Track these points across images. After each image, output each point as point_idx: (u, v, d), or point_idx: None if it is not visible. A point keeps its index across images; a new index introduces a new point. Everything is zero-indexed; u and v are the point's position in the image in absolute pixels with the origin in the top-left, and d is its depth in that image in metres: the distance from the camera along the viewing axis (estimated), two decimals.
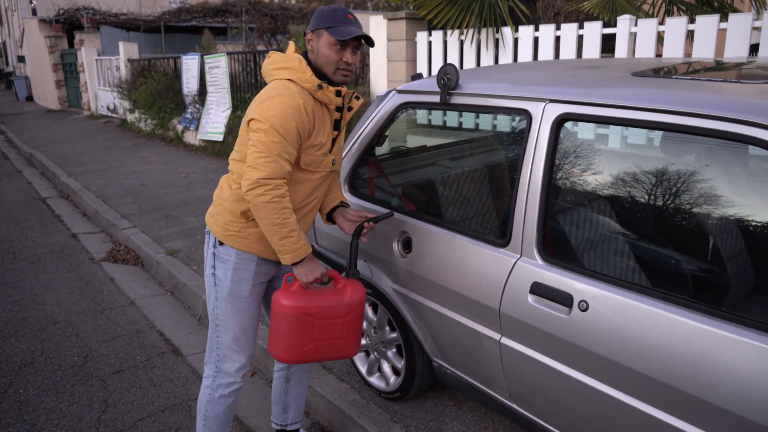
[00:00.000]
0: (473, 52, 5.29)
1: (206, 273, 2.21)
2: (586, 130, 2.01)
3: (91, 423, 2.85)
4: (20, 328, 3.83)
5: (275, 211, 1.92)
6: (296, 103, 1.96)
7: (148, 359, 3.47)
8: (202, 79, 9.87)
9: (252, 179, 1.90)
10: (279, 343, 2.13)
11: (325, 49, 2.02)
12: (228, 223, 2.12)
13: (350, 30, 2.01)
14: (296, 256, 2.01)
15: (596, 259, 1.92)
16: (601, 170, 1.96)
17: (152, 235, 5.47)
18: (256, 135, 1.94)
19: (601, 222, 1.95)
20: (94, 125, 13.84)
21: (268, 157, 1.91)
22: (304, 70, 2.03)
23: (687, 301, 1.65)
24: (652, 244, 1.84)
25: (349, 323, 2.18)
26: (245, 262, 2.14)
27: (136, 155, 9.66)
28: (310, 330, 2.11)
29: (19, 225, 6.27)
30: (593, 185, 1.97)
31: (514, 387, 2.17)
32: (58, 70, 18.10)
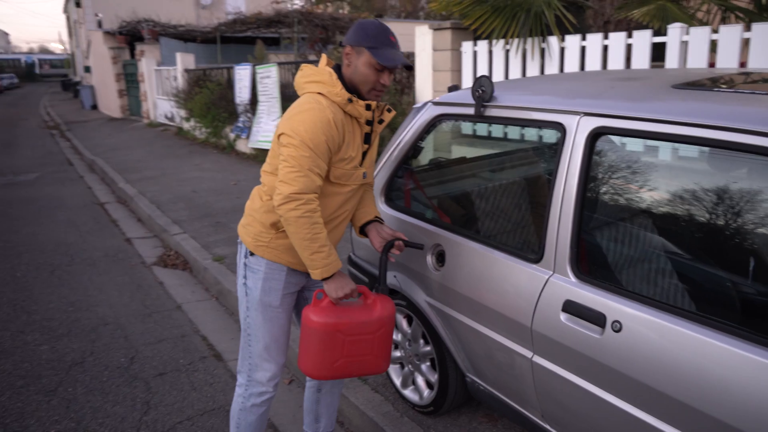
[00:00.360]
0: (519, 62, 5.23)
1: (238, 282, 2.25)
2: (623, 144, 1.96)
3: (133, 423, 2.95)
4: (73, 329, 4.00)
5: (306, 226, 1.94)
6: (326, 117, 1.97)
7: (191, 363, 3.56)
8: (253, 89, 10.09)
9: (284, 194, 1.93)
10: (309, 359, 2.14)
11: (363, 69, 2.02)
12: (258, 234, 2.15)
13: (395, 56, 2.01)
14: (326, 271, 2.02)
15: (631, 277, 1.86)
16: (636, 186, 1.91)
17: (201, 241, 5.62)
18: (287, 150, 1.96)
19: (635, 240, 1.89)
20: (152, 133, 14.36)
21: (299, 171, 1.94)
22: (334, 83, 2.03)
23: (725, 325, 1.58)
24: (689, 264, 1.77)
25: (380, 339, 2.18)
26: (275, 272, 2.17)
27: (189, 162, 9.96)
28: (341, 347, 2.11)
29: (78, 228, 6.55)
30: (628, 201, 1.92)
31: (546, 406, 2.13)
32: (121, 80, 18.88)
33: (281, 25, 15.22)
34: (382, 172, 2.81)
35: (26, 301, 4.48)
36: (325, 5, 21.41)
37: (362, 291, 2.19)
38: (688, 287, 1.75)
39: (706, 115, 1.67)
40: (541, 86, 2.34)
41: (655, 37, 4.29)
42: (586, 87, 2.16)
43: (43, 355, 3.63)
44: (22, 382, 3.33)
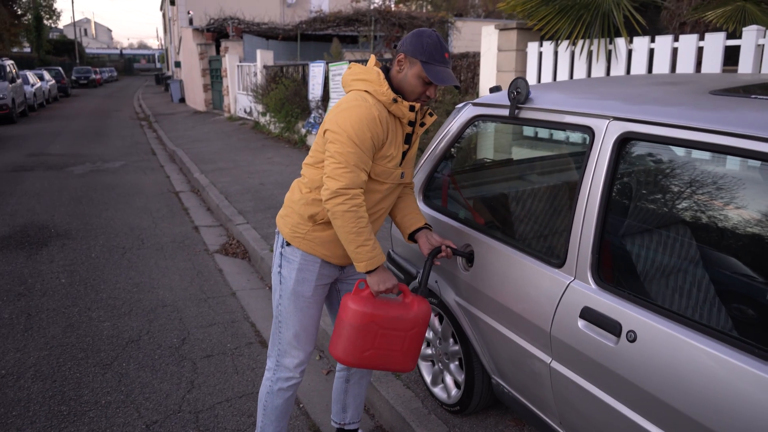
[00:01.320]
0: (584, 64, 5.09)
1: (273, 271, 2.34)
2: (651, 151, 1.89)
3: (177, 400, 3.12)
4: (134, 308, 4.26)
5: (352, 220, 2.00)
6: (371, 114, 2.03)
7: (237, 348, 3.71)
8: (326, 86, 10.31)
9: (331, 189, 1.99)
10: (340, 344, 2.19)
11: (413, 80, 2.09)
12: (296, 225, 2.23)
13: (445, 76, 2.06)
14: (370, 264, 2.07)
15: (650, 287, 1.80)
16: (663, 194, 1.84)
17: (261, 232, 5.83)
18: (333, 146, 2.02)
19: (658, 249, 1.83)
20: (231, 126, 14.94)
21: (346, 167, 1.99)
22: (381, 83, 2.09)
23: (742, 342, 1.51)
24: (710, 278, 1.70)
25: (411, 338, 2.21)
26: (309, 263, 2.25)
27: (262, 156, 10.30)
28: (373, 337, 2.15)
29: (152, 215, 6.94)
30: (653, 209, 1.86)
31: (564, 413, 2.09)
32: (206, 75, 19.74)
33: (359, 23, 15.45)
34: (422, 170, 2.84)
35: (96, 281, 4.80)
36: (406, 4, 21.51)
37: (403, 289, 2.23)
38: (708, 301, 1.67)
39: (736, 123, 1.59)
40: (577, 89, 2.29)
41: (729, 40, 4.07)
42: (621, 91, 2.10)
43: (104, 332, 3.89)
44: (83, 355, 3.58)
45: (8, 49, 34.04)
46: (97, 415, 2.98)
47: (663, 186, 1.84)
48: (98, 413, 2.99)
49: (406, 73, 2.10)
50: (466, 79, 6.98)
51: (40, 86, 22.97)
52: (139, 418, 2.96)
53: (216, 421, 2.96)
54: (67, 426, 2.89)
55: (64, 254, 5.46)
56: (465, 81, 6.98)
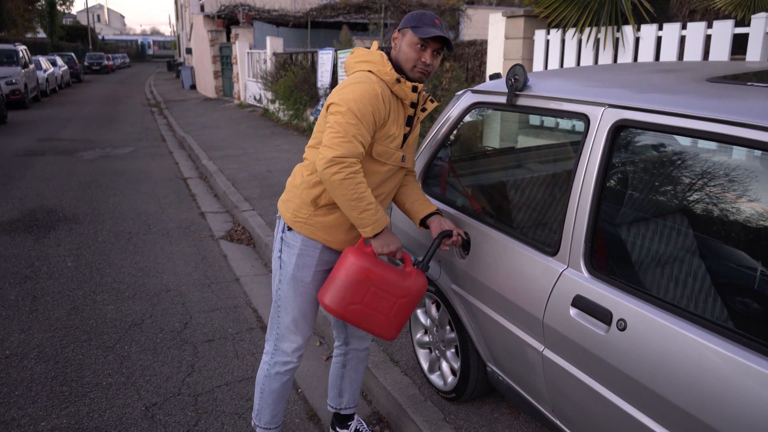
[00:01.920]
0: (591, 52, 5.04)
1: (273, 256, 2.35)
2: (646, 139, 1.87)
3: (176, 383, 3.15)
4: (138, 292, 4.30)
5: (351, 187, 1.97)
6: (374, 90, 2.05)
7: (238, 333, 3.74)
8: (334, 73, 10.29)
9: (327, 158, 1.96)
10: (330, 291, 2.15)
11: (406, 47, 2.12)
12: (297, 210, 2.23)
13: (432, 30, 2.08)
14: (377, 227, 2.06)
15: (641, 276, 1.79)
16: (657, 183, 1.83)
17: (267, 219, 5.85)
18: (334, 117, 2.01)
19: (650, 238, 1.82)
20: (240, 113, 14.96)
21: (344, 137, 1.98)
22: (384, 64, 2.13)
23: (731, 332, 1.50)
24: (702, 267, 1.69)
25: (400, 306, 2.18)
26: (310, 249, 2.25)
27: (270, 143, 10.32)
28: (363, 293, 2.12)
29: (159, 200, 6.98)
30: (648, 198, 1.84)
31: (557, 401, 2.09)
32: (217, 62, 19.76)
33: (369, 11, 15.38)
34: (422, 157, 2.83)
35: (102, 264, 4.85)
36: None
37: (405, 258, 2.23)
38: (699, 291, 1.66)
39: (732, 110, 1.57)
40: (574, 77, 2.27)
41: (738, 28, 4.01)
42: (617, 78, 2.08)
43: (108, 315, 3.94)
44: (86, 337, 3.63)
45: (22, 35, 34.23)
46: (98, 396, 3.02)
47: (657, 174, 1.82)
48: (99, 394, 3.04)
49: (400, 45, 2.15)
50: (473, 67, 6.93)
51: (52, 72, 23.11)
52: (138, 399, 3.00)
53: (215, 404, 2.99)
54: (68, 406, 2.93)
55: (71, 238, 5.51)
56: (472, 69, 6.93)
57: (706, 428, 1.51)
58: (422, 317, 2.99)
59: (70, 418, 2.85)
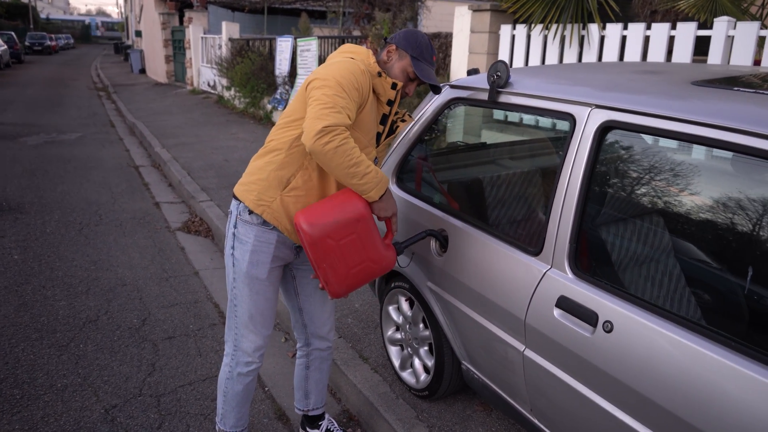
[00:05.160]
0: (557, 49, 5.08)
1: (226, 253, 2.23)
2: (632, 140, 1.87)
3: (137, 384, 3.02)
4: (92, 287, 4.11)
5: (347, 153, 1.86)
6: (358, 68, 2.01)
7: (200, 329, 3.62)
8: (293, 61, 10.11)
9: (316, 129, 1.82)
10: (315, 217, 1.97)
11: (398, 72, 2.15)
12: (262, 192, 2.10)
13: (430, 75, 2.16)
14: (381, 187, 1.98)
15: (628, 278, 1.79)
16: (643, 184, 1.83)
17: (225, 210, 5.69)
18: (320, 91, 1.91)
19: (637, 240, 1.82)
20: (193, 100, 14.56)
21: (333, 108, 1.87)
22: (369, 57, 2.13)
23: (718, 335, 1.51)
24: (690, 269, 1.70)
25: (364, 268, 2.06)
26: (264, 245, 2.14)
27: (226, 131, 10.07)
28: (346, 234, 1.98)
29: (110, 190, 6.71)
30: (633, 200, 1.84)
31: (536, 401, 2.09)
32: (168, 46, 19.15)
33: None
34: (396, 152, 2.77)
35: (52, 257, 4.62)
36: None
37: (389, 228, 2.14)
38: (686, 293, 1.67)
39: (721, 115, 1.58)
40: (558, 75, 2.26)
41: (700, 30, 4.10)
42: (602, 78, 2.07)
43: (60, 311, 3.74)
44: (37, 335, 3.44)
45: None
46: (53, 399, 2.86)
47: (643, 176, 1.82)
48: (54, 397, 2.88)
49: (394, 63, 2.16)
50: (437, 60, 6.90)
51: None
52: (97, 401, 2.86)
53: (178, 404, 2.88)
54: (20, 411, 2.77)
55: (16, 229, 5.23)
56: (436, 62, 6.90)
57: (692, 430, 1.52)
58: (394, 314, 2.95)
59: (23, 424, 2.68)
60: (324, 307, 2.44)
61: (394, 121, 2.30)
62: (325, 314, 2.45)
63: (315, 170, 2.08)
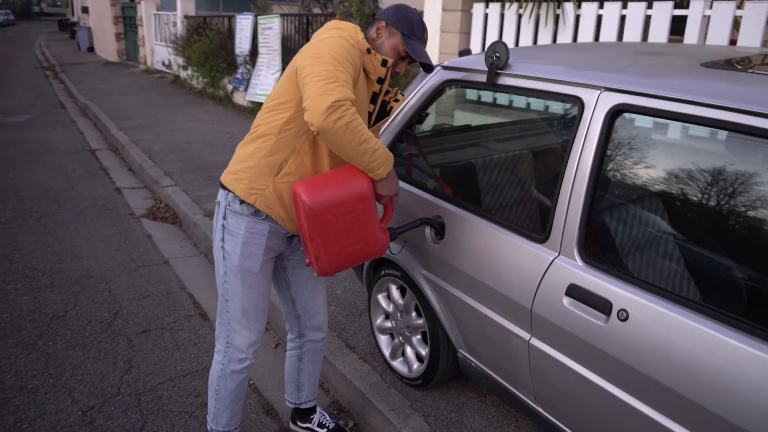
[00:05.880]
0: (531, 28, 5.03)
1: (215, 245, 2.11)
2: (644, 124, 1.83)
3: (114, 382, 2.87)
4: (56, 280, 3.90)
5: (357, 129, 1.75)
6: (348, 43, 1.90)
7: (176, 321, 3.48)
8: (254, 40, 9.81)
9: (324, 105, 1.69)
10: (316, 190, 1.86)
11: (388, 50, 2.04)
12: (253, 181, 1.98)
13: (422, 53, 2.07)
14: (389, 165, 1.90)
15: (641, 265, 1.75)
16: (655, 169, 1.78)
17: (192, 195, 5.49)
18: (318, 66, 1.78)
19: (649, 226, 1.78)
20: (148, 80, 14.04)
21: (336, 81, 1.75)
22: (357, 33, 2.01)
23: (739, 322, 1.49)
24: (706, 254, 1.67)
25: (357, 249, 1.98)
26: (256, 236, 2.03)
27: (185, 112, 9.74)
28: (346, 211, 1.90)
29: (67, 175, 6.40)
30: (645, 185, 1.80)
31: (541, 389, 2.05)
32: (119, 23, 18.39)
33: None
34: (384, 137, 2.68)
35: (9, 249, 4.36)
36: None
37: (387, 212, 2.07)
38: (703, 279, 1.64)
39: (739, 98, 1.54)
40: (560, 56, 2.19)
41: (677, 10, 4.10)
42: (608, 60, 2.01)
43: (24, 306, 3.53)
44: (1, 333, 3.23)
45: None
46: (24, 402, 2.69)
47: (656, 161, 1.78)
48: (25, 400, 2.71)
49: (384, 41, 2.05)
50: None
51: None
52: (73, 403, 2.70)
53: (160, 402, 2.75)
54: None
55: None
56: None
57: (713, 417, 1.50)
58: (383, 302, 2.87)
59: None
60: (316, 297, 2.35)
61: (386, 101, 2.21)
62: (318, 304, 2.36)
63: (308, 154, 1.97)
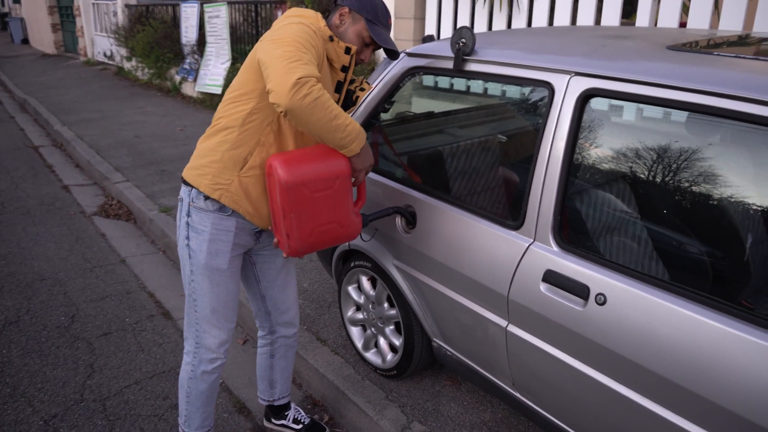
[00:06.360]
0: (485, 13, 5.05)
1: (179, 243, 2.03)
2: (615, 108, 1.84)
3: (76, 388, 2.76)
4: (6, 284, 3.71)
5: (326, 105, 1.69)
6: (310, 29, 1.83)
7: (137, 322, 3.36)
8: (201, 29, 9.54)
9: (290, 82, 1.62)
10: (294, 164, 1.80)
11: (352, 36, 1.99)
12: (217, 175, 1.91)
13: (387, 39, 2.03)
14: (361, 138, 1.84)
15: (617, 249, 1.78)
16: (626, 152, 1.81)
17: (146, 191, 5.32)
18: (280, 50, 1.70)
19: (624, 210, 1.81)
20: (90, 72, 13.49)
21: (300, 60, 1.67)
22: (319, 20, 1.94)
23: (712, 300, 1.52)
24: (679, 236, 1.70)
25: (329, 230, 1.93)
26: (222, 233, 1.97)
27: (132, 105, 9.41)
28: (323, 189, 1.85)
29: (9, 174, 6.10)
30: (618, 169, 1.82)
31: (519, 376, 2.07)
32: (54, 13, 17.56)
33: None
34: None
35: None
36: None
37: (359, 198, 2.06)
38: (677, 261, 1.68)
39: (708, 80, 1.56)
40: (527, 41, 2.19)
41: None
42: (576, 44, 2.02)
43: None
44: None
45: None
46: None
47: (627, 144, 1.80)
48: None
49: (347, 28, 1.99)
50: None
51: None
52: (33, 413, 2.58)
53: (127, 407, 2.66)
54: None
55: None
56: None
57: (695, 397, 1.53)
58: (354, 294, 2.84)
59: None
60: (286, 291, 2.30)
61: (352, 90, 2.16)
62: (289, 299, 2.32)
63: (273, 145, 1.92)
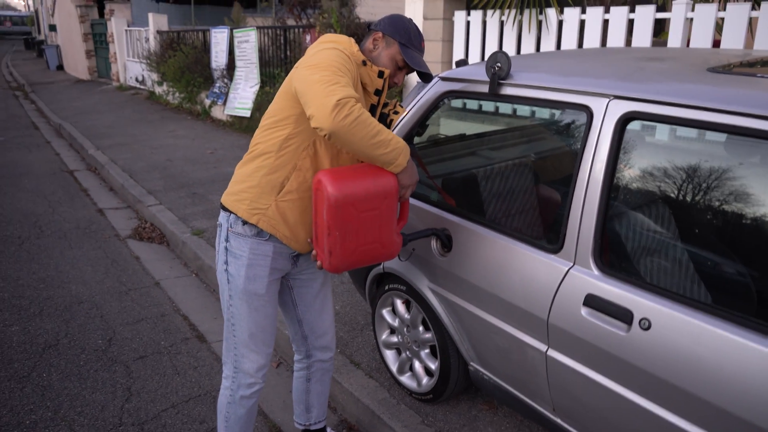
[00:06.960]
0: (514, 35, 5.06)
1: (218, 268, 2.07)
2: (656, 131, 1.83)
3: (114, 412, 2.79)
4: (45, 308, 3.79)
5: (367, 123, 1.71)
6: (344, 55, 1.87)
7: (172, 345, 3.40)
8: (230, 54, 9.73)
9: (330, 105, 1.65)
10: (344, 181, 1.81)
11: (386, 60, 2.01)
12: (255, 201, 1.95)
13: (421, 62, 2.04)
14: (406, 153, 1.84)
15: (659, 272, 1.75)
16: (667, 175, 1.79)
17: (178, 213, 5.40)
18: (317, 75, 1.73)
19: (665, 232, 1.78)
20: (122, 96, 13.84)
21: (338, 83, 1.70)
22: (352, 45, 1.98)
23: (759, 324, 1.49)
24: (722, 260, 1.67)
25: (371, 250, 1.93)
26: (260, 258, 1.99)
27: (163, 129, 9.61)
28: (370, 208, 1.85)
29: (46, 198, 6.25)
30: (658, 191, 1.80)
31: (560, 401, 2.03)
32: (88, 40, 18.11)
33: None
34: None
35: None
36: None
37: (402, 218, 2.04)
38: (722, 284, 1.64)
39: (750, 103, 1.54)
40: (562, 64, 2.19)
41: (659, 13, 4.16)
42: (613, 67, 2.02)
43: (13, 337, 3.42)
44: None
45: None
46: None
47: (667, 166, 1.78)
48: None
49: (381, 52, 2.01)
50: None
51: None
52: None
53: (165, 431, 2.67)
54: None
55: None
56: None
57: (744, 424, 1.49)
58: (388, 317, 2.84)
59: None
60: (323, 316, 2.31)
61: (385, 114, 2.18)
62: (325, 323, 2.32)
63: (309, 170, 1.94)
